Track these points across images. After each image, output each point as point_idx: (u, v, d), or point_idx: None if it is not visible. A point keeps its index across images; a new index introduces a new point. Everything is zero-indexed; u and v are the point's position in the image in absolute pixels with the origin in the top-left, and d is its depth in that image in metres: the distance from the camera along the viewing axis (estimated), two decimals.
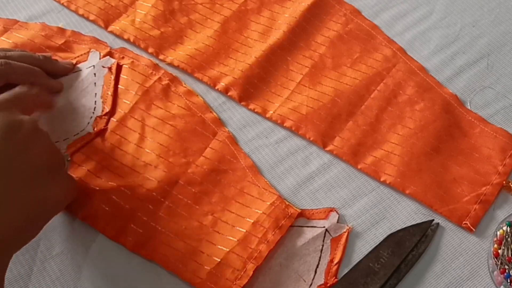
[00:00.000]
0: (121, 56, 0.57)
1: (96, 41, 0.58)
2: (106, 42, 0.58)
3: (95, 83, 0.55)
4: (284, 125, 0.53)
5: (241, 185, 0.50)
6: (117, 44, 0.58)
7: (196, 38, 0.58)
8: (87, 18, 0.60)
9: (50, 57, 0.55)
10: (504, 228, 0.46)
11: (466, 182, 0.50)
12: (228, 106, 0.55)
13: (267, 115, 0.54)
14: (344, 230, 0.48)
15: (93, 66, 0.56)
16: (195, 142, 0.52)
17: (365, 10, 0.60)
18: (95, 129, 0.52)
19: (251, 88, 0.55)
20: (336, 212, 0.48)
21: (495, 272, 0.45)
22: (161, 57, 0.57)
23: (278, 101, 0.55)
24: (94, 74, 0.55)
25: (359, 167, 0.51)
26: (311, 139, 0.52)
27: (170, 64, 0.57)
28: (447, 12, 0.60)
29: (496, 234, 0.46)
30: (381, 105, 0.54)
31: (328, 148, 0.52)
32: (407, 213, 0.49)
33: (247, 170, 0.51)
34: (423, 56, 0.57)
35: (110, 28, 0.59)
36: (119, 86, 0.55)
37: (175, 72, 0.56)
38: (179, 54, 0.57)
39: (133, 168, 0.51)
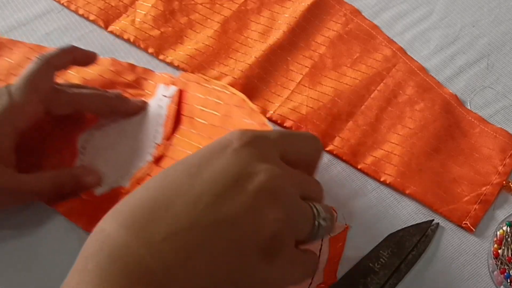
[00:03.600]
0: (185, 83, 0.53)
1: (165, 77, 0.55)
2: (172, 74, 0.55)
3: (159, 114, 0.52)
4: (284, 125, 0.53)
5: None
6: (117, 44, 0.58)
7: (196, 38, 0.58)
8: (87, 18, 0.60)
9: (122, 96, 0.52)
10: (504, 228, 0.46)
11: (466, 182, 0.50)
12: None
13: (267, 115, 0.54)
14: (343, 229, 0.48)
15: (159, 98, 0.53)
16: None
17: (365, 10, 0.60)
18: (155, 157, 0.49)
19: (251, 88, 0.55)
20: (335, 211, 0.48)
21: (495, 272, 0.45)
22: (161, 57, 0.57)
23: (278, 101, 0.54)
24: (158, 104, 0.52)
25: (359, 167, 0.51)
26: None
27: (170, 64, 0.57)
28: (447, 12, 0.60)
29: (496, 234, 0.46)
30: (381, 105, 0.54)
31: (328, 148, 0.52)
32: (407, 213, 0.49)
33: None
34: (423, 56, 0.57)
35: (110, 28, 0.59)
36: (182, 114, 0.52)
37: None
38: (179, 54, 0.57)
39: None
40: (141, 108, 0.52)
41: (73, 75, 0.55)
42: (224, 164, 0.31)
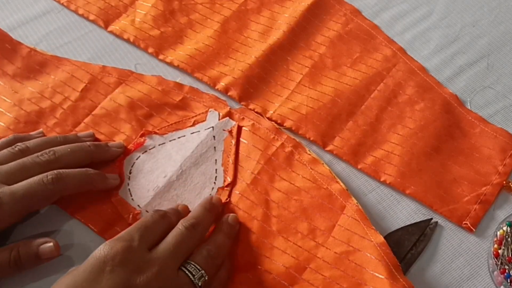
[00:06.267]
0: (241, 117, 0.53)
1: (215, 100, 0.54)
2: (225, 101, 0.54)
3: (214, 147, 0.51)
4: (284, 125, 0.53)
5: (373, 267, 0.44)
6: (117, 44, 0.58)
7: (196, 38, 0.58)
8: (87, 18, 0.60)
9: (101, 145, 0.50)
10: (504, 228, 0.46)
11: (466, 182, 0.50)
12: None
13: (267, 115, 0.54)
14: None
15: (212, 127, 0.52)
16: (323, 220, 0.47)
17: (365, 10, 0.60)
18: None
19: (251, 88, 0.55)
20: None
21: (495, 272, 0.45)
22: (161, 57, 0.57)
23: (278, 101, 0.54)
24: (214, 136, 0.51)
25: (359, 167, 0.51)
26: (311, 139, 0.52)
27: (170, 64, 0.57)
28: (447, 12, 0.60)
29: (496, 234, 0.46)
30: (381, 105, 0.54)
31: (328, 148, 0.52)
32: (407, 213, 0.49)
33: (379, 249, 0.45)
34: (423, 56, 0.57)
35: (110, 28, 0.59)
36: (239, 152, 0.51)
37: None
38: (179, 54, 0.57)
39: (258, 250, 0.46)
40: (121, 152, 0.50)
41: (118, 94, 0.54)
42: (108, 286, 0.38)
